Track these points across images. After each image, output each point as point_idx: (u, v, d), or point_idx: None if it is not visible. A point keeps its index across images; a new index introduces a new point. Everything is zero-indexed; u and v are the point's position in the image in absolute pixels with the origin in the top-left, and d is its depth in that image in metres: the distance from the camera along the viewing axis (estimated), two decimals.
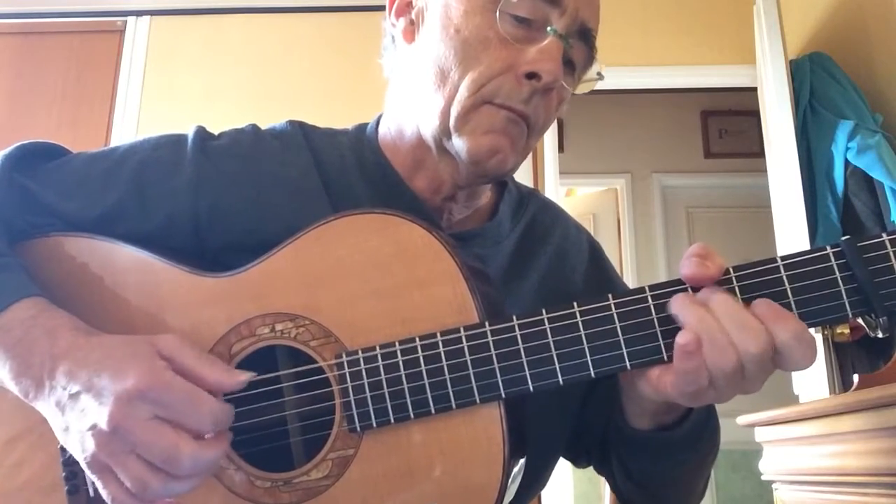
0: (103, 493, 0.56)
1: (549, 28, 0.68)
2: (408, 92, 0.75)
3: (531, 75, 0.67)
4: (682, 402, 0.58)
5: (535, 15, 0.68)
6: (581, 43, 0.72)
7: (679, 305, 0.55)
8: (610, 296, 0.58)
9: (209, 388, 0.56)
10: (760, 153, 2.72)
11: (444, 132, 0.70)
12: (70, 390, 0.56)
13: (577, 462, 0.85)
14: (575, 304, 0.58)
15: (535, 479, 0.77)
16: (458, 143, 0.69)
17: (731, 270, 0.56)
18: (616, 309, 0.57)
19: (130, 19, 3.09)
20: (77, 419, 0.56)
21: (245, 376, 0.59)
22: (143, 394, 0.53)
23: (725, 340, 0.53)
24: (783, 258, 0.56)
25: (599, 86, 0.78)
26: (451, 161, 0.72)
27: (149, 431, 0.53)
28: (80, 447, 0.56)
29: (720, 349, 0.53)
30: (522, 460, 0.62)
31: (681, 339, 0.54)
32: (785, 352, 0.53)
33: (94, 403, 0.55)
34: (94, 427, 0.54)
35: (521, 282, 0.78)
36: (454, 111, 0.69)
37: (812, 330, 0.55)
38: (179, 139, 0.75)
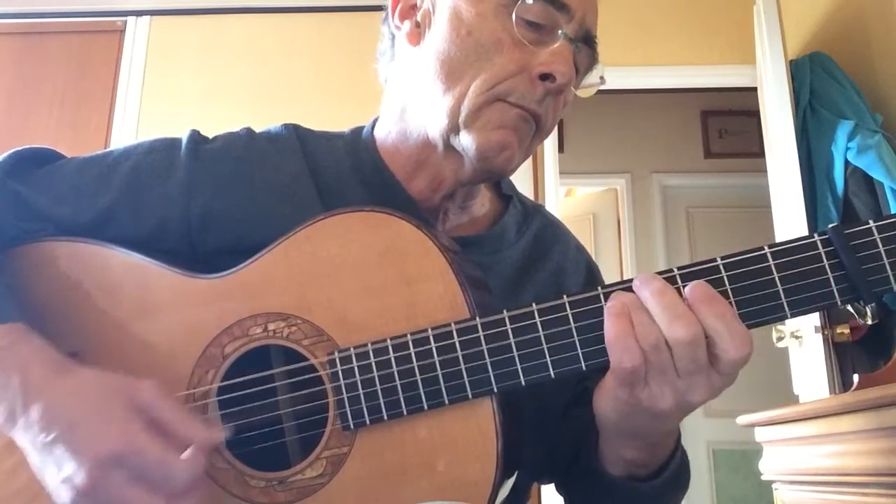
0: None
1: (559, 32, 0.69)
2: (413, 95, 0.75)
3: (545, 76, 0.68)
4: (621, 398, 0.57)
5: (546, 20, 0.69)
6: (586, 47, 0.73)
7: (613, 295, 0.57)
8: (599, 287, 0.58)
9: (185, 443, 0.55)
10: (760, 153, 2.71)
11: (453, 129, 0.70)
12: (45, 437, 0.55)
13: (541, 479, 0.84)
14: (565, 296, 0.58)
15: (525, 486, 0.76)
16: (467, 139, 0.69)
17: (718, 259, 0.56)
18: (605, 301, 0.57)
19: (130, 19, 3.09)
20: (53, 469, 0.55)
21: (222, 434, 0.58)
22: (119, 459, 0.53)
23: (648, 319, 0.54)
24: (770, 246, 0.55)
25: None
26: (456, 158, 0.72)
27: (126, 495, 0.53)
28: (56, 494, 0.55)
29: (645, 329, 0.54)
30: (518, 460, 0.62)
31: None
32: (714, 337, 0.53)
33: (70, 460, 0.54)
34: (69, 481, 0.53)
35: (520, 295, 0.77)
36: (465, 108, 0.69)
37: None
38: (173, 143, 0.75)
